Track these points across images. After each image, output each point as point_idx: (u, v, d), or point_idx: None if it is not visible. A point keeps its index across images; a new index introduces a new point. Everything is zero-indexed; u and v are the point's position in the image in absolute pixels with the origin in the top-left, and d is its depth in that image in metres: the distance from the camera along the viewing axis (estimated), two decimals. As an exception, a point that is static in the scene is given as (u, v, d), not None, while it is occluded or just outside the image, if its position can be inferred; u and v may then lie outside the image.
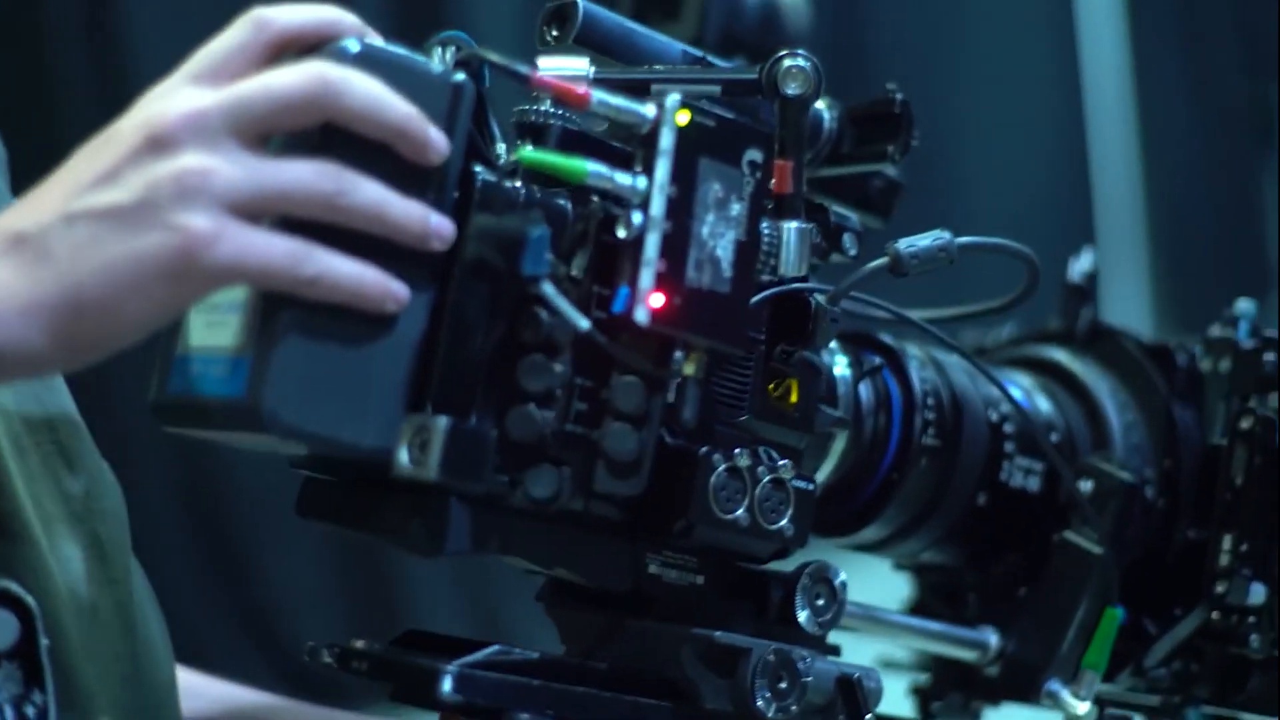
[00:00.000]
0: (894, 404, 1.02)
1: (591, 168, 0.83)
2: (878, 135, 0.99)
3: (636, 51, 0.93)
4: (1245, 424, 1.05)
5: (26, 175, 0.88)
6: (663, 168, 0.84)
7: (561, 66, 0.88)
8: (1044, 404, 1.10)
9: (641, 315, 0.83)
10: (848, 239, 0.98)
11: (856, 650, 0.98)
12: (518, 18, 2.82)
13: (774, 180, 0.88)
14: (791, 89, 0.88)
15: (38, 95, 2.73)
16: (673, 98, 0.84)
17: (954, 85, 3.74)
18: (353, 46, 0.81)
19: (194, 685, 1.09)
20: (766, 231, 0.89)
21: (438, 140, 0.80)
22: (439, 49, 0.86)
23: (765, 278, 0.89)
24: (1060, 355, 1.14)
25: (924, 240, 0.93)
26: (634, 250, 0.83)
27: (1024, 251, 0.98)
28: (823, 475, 1.00)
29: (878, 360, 1.02)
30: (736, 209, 0.86)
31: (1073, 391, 1.12)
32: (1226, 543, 1.05)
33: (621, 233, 0.84)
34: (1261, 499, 1.05)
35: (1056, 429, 1.09)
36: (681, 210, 0.84)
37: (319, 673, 0.95)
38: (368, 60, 0.81)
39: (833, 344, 1.01)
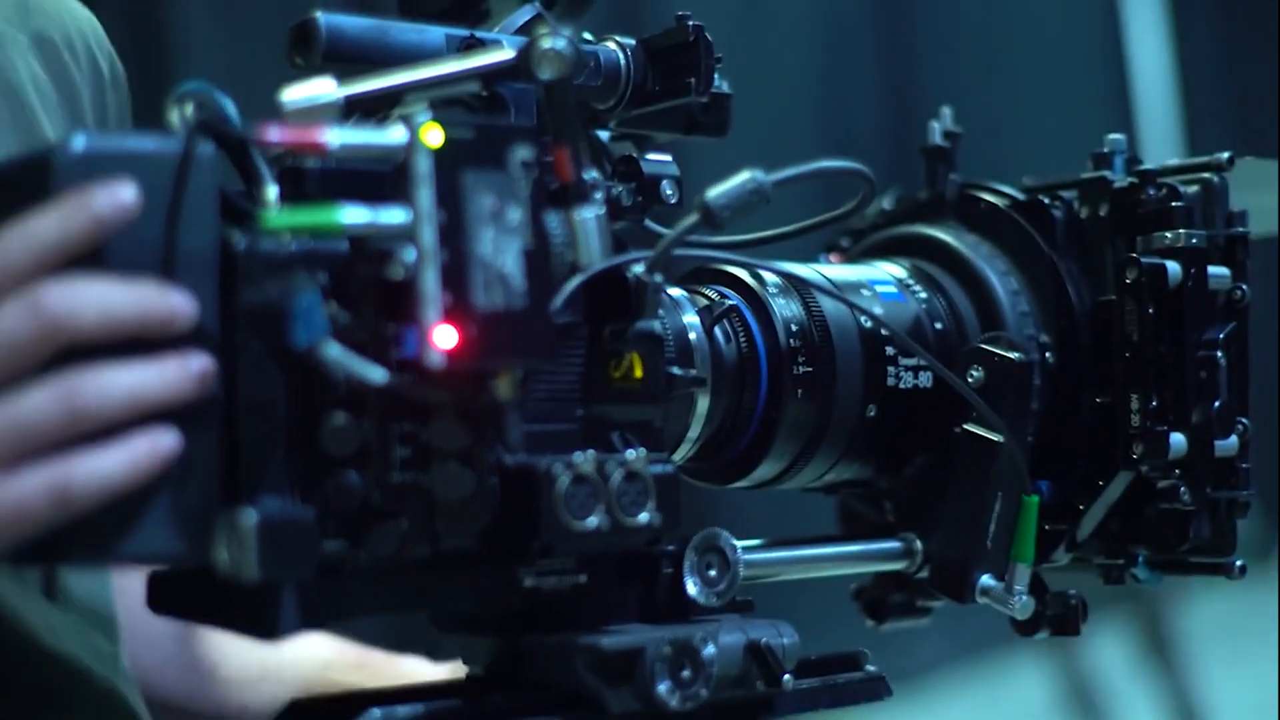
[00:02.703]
0: (756, 340, 0.96)
1: (347, 217, 0.77)
2: (679, 68, 0.92)
3: (391, 52, 0.87)
4: (1130, 276, 0.99)
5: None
6: (424, 196, 0.78)
7: (308, 95, 0.81)
8: (922, 292, 1.03)
9: (433, 358, 0.77)
10: (666, 186, 0.92)
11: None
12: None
13: (555, 170, 0.82)
14: (548, 74, 0.81)
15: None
16: (421, 116, 0.78)
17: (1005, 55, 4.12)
18: (77, 144, 0.75)
19: None
20: (556, 228, 0.83)
21: (181, 307, 0.74)
22: (176, 106, 0.80)
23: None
24: (933, 231, 1.07)
25: (733, 185, 0.86)
26: (414, 289, 0.78)
27: (848, 168, 0.91)
28: (695, 432, 0.95)
29: (727, 302, 0.96)
30: (515, 216, 0.80)
31: (951, 269, 1.04)
32: (1134, 403, 0.99)
33: (398, 272, 0.78)
34: (1162, 352, 0.99)
35: (939, 317, 1.03)
36: (455, 234, 0.78)
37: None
38: (90, 161, 0.74)
39: (679, 294, 0.96)
